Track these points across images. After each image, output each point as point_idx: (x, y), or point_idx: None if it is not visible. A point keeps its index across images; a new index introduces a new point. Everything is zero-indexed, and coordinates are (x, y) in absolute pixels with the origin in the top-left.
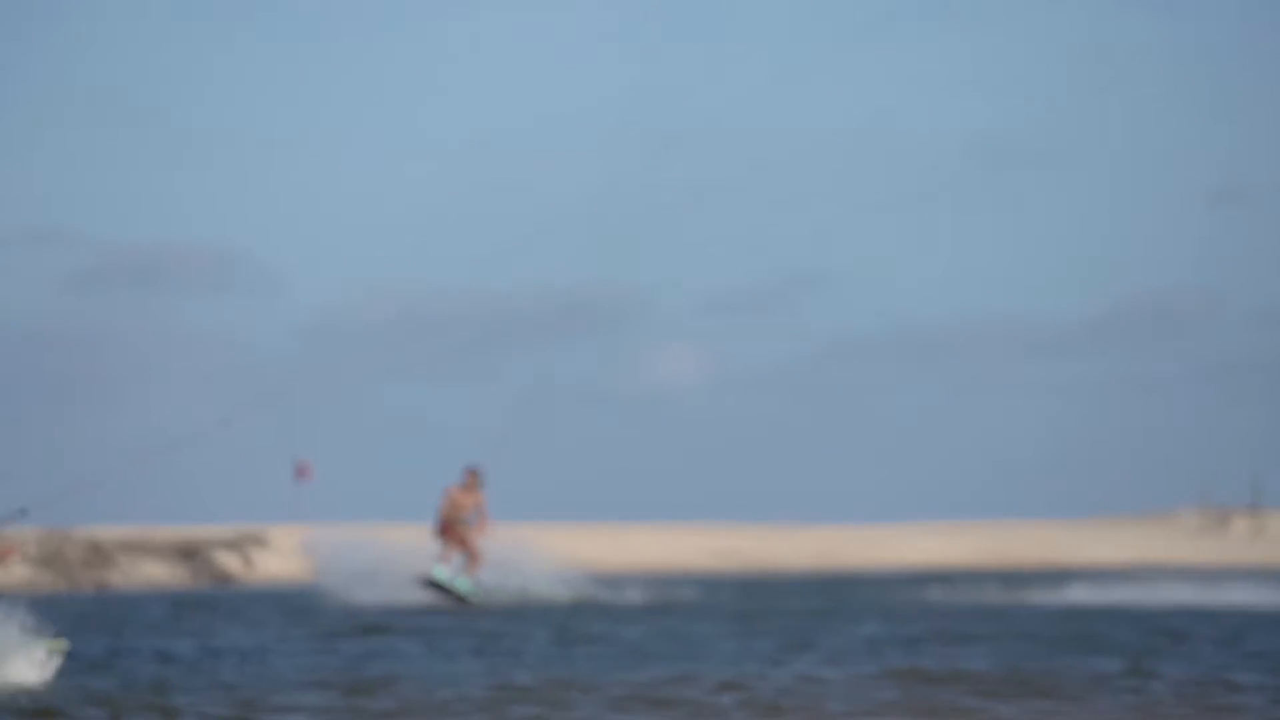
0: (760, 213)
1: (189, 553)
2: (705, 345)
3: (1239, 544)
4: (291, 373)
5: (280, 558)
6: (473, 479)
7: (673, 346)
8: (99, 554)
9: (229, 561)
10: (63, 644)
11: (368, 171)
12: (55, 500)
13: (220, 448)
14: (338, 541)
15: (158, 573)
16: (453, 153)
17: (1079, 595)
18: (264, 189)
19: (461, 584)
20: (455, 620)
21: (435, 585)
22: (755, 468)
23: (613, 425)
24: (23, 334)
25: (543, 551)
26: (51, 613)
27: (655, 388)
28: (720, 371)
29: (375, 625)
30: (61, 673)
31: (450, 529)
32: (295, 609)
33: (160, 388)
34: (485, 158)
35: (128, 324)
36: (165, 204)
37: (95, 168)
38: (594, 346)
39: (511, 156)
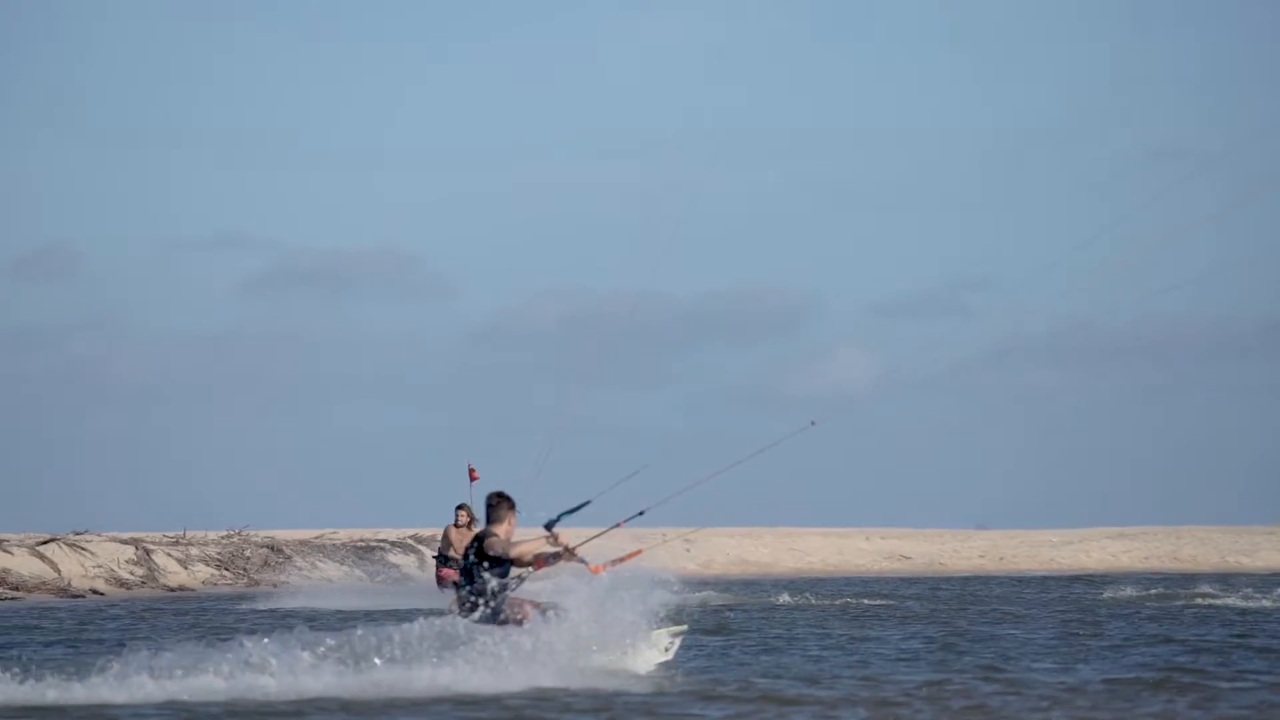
0: (930, 214)
1: (364, 553)
2: (875, 348)
3: None
4: (462, 375)
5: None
6: (465, 516)
7: (843, 350)
8: (278, 554)
9: (404, 562)
10: (683, 628)
11: (535, 177)
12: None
13: (393, 453)
14: None
15: (334, 573)
16: (620, 156)
17: (1254, 600)
18: (434, 196)
19: None
20: None
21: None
22: (925, 471)
23: (783, 429)
24: (205, 336)
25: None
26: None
27: (826, 391)
28: (891, 374)
29: None
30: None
31: (451, 570)
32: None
33: (335, 389)
34: (651, 160)
35: (304, 327)
36: (341, 211)
37: (276, 174)
38: (764, 350)
39: (679, 159)
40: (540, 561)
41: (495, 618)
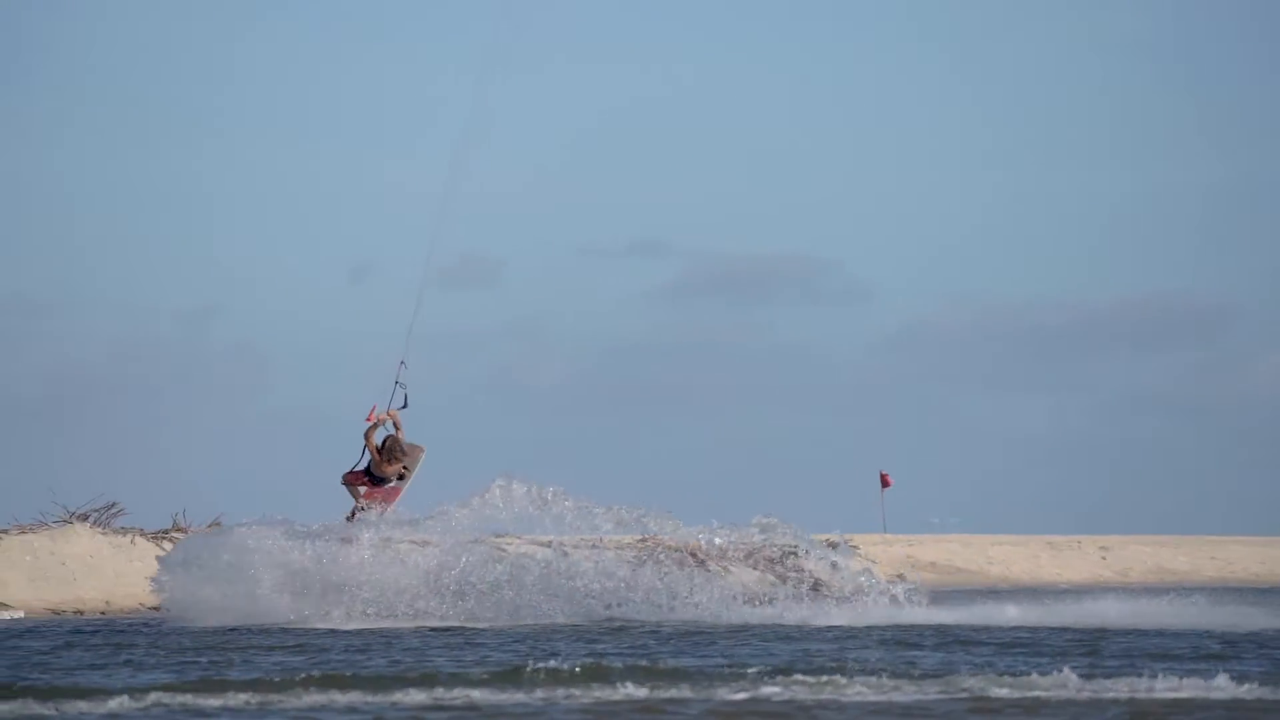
0: None
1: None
2: None
3: None
4: (875, 382)
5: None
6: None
7: (1264, 354)
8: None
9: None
10: None
11: (950, 181)
12: None
13: (805, 458)
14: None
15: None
16: (1028, 159)
17: None
18: (853, 201)
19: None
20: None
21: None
22: None
23: (1206, 436)
24: (620, 343)
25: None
26: None
27: (1253, 398)
28: None
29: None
30: None
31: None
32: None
33: (749, 396)
34: (1061, 163)
35: (718, 333)
36: (756, 217)
37: (689, 183)
38: (1186, 356)
39: (1088, 162)
40: None
41: None
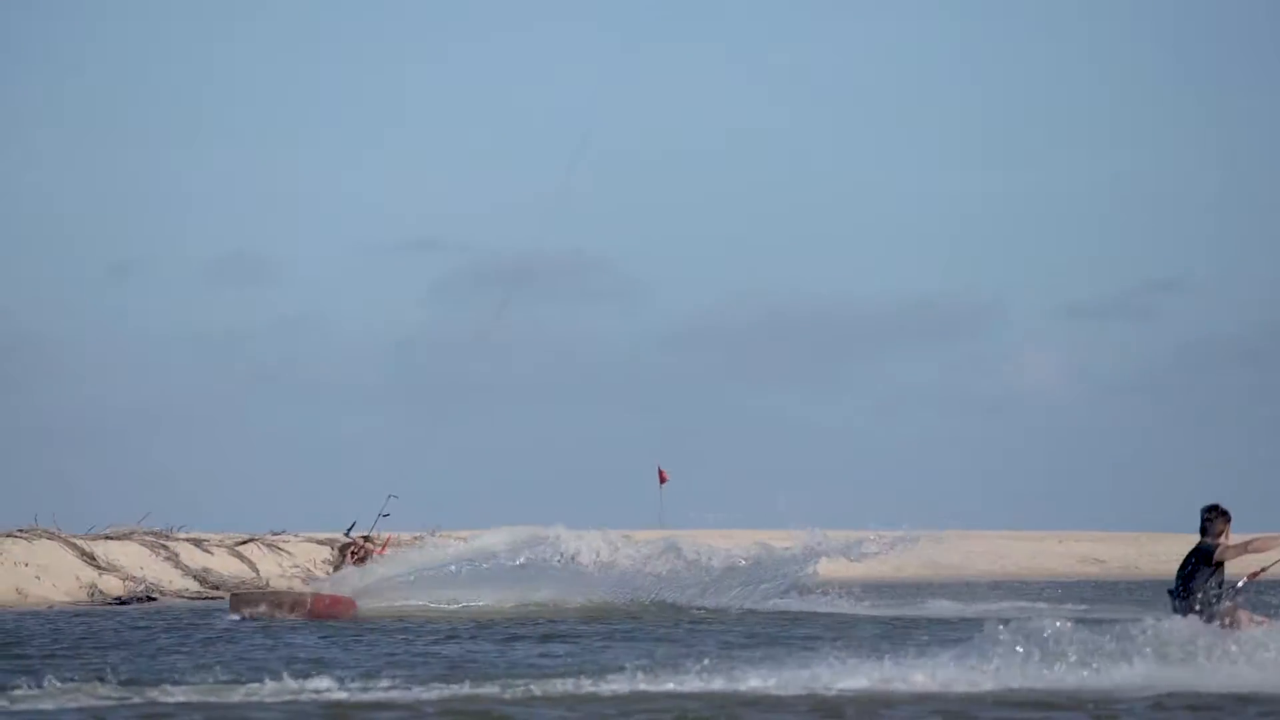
0: (1118, 218)
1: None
2: (1064, 351)
3: None
4: (654, 378)
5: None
6: (354, 551)
7: (1031, 353)
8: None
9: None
10: None
11: (730, 178)
12: None
13: (583, 455)
14: None
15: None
16: (814, 159)
17: None
18: (626, 199)
19: None
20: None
21: None
22: (1115, 474)
23: (971, 431)
24: (390, 339)
25: None
26: None
27: (1014, 394)
28: (1079, 377)
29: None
30: None
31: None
32: None
33: (526, 393)
34: (850, 166)
35: (490, 330)
36: (528, 214)
37: (463, 179)
38: (953, 352)
39: (870, 166)
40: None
41: (1210, 621)
